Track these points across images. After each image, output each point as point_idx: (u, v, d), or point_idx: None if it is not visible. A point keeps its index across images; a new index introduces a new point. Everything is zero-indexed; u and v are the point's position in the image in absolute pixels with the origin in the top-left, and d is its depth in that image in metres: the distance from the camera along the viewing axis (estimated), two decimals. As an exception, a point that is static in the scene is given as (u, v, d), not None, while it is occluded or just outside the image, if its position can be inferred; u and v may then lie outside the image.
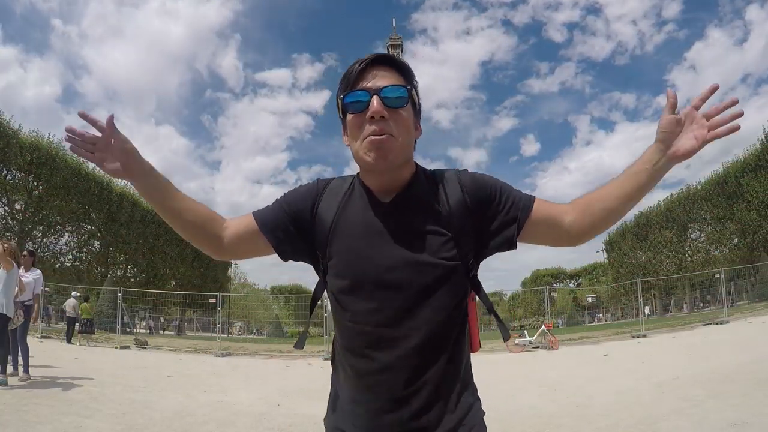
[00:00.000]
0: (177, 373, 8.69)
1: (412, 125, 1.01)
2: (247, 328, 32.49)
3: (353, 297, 0.99)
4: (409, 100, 0.98)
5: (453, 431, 0.96)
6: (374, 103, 0.94)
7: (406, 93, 0.97)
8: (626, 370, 7.58)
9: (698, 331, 13.32)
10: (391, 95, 0.95)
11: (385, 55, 0.99)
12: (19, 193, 24.65)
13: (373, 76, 0.97)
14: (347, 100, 0.97)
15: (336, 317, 1.04)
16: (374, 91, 0.95)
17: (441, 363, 0.97)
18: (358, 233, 1.00)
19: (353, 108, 0.97)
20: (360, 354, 0.99)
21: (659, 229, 34.17)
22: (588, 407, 4.94)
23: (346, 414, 1.03)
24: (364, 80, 0.97)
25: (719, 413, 4.09)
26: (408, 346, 0.95)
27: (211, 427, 4.51)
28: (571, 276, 57.15)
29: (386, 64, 0.99)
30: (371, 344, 0.97)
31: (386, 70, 0.98)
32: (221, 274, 41.65)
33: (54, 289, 19.69)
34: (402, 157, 0.98)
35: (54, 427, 4.12)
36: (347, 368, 1.02)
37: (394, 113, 0.96)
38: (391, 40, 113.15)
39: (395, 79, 0.98)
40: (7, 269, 5.70)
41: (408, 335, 0.95)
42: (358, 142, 0.97)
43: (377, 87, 0.95)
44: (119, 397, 5.72)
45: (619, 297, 38.33)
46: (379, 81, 0.97)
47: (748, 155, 27.67)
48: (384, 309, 0.96)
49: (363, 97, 0.95)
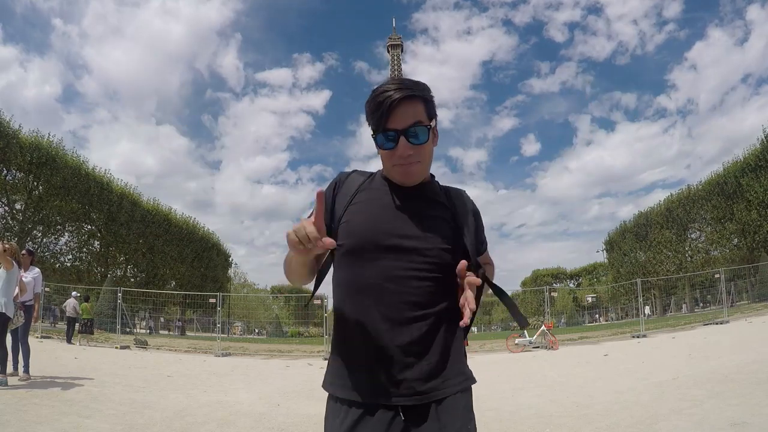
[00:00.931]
0: (177, 373, 8.69)
1: (432, 148, 1.16)
2: (247, 328, 32.50)
3: (363, 255, 1.09)
4: (430, 133, 1.12)
5: (435, 376, 1.05)
6: (401, 146, 1.09)
7: (428, 132, 1.10)
8: (626, 370, 7.58)
9: (698, 331, 13.32)
10: (416, 138, 1.09)
11: (410, 92, 1.08)
12: (19, 193, 24.64)
13: (400, 114, 1.08)
14: (378, 142, 1.12)
15: (341, 276, 1.14)
16: (401, 131, 1.08)
17: (435, 322, 1.07)
18: (375, 206, 1.14)
19: (384, 146, 1.11)
20: (361, 308, 1.08)
21: (659, 229, 34.18)
22: (588, 407, 4.94)
23: (343, 368, 1.10)
24: (392, 116, 1.08)
25: (719, 413, 4.09)
26: (409, 300, 1.06)
27: (211, 427, 4.51)
28: (571, 276, 57.19)
29: (410, 98, 1.09)
30: (373, 297, 1.07)
31: (410, 104, 1.09)
32: (221, 274, 41.68)
33: (54, 289, 19.69)
34: (424, 173, 1.16)
35: (54, 427, 4.11)
36: (347, 325, 1.10)
37: (418, 147, 1.10)
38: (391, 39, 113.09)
39: (418, 114, 1.10)
40: (8, 269, 5.70)
41: (409, 292, 1.06)
42: (389, 164, 1.14)
43: (403, 128, 1.08)
44: (119, 397, 5.72)
45: (619, 297, 38.35)
46: (403, 119, 1.08)
47: (748, 155, 27.68)
48: (391, 268, 1.07)
49: (392, 137, 1.09)
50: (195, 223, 37.86)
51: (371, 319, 1.05)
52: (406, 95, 1.07)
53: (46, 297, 17.32)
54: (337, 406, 1.08)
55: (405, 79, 1.11)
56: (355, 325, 1.07)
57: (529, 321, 8.68)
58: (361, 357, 1.06)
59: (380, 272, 1.07)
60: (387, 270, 1.07)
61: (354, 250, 1.10)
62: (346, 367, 1.08)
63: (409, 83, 1.10)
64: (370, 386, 1.04)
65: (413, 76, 2.54)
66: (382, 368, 1.04)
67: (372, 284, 1.07)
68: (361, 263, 1.09)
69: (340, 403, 1.07)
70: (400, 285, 1.06)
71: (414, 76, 2.51)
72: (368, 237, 1.09)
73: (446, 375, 1.06)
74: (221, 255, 42.07)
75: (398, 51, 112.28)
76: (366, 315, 1.06)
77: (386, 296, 1.05)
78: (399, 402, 1.02)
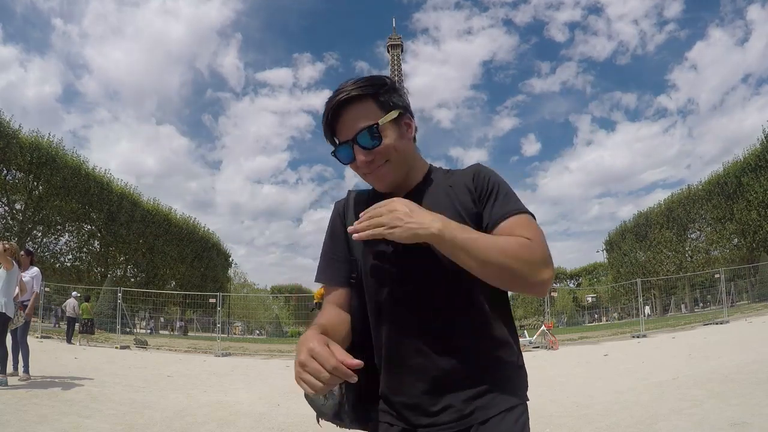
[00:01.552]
0: (177, 373, 8.69)
1: (398, 140, 1.03)
2: (247, 327, 32.50)
3: (380, 292, 1.04)
4: (384, 131, 1.01)
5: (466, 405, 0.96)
6: (357, 156, 1.01)
7: (377, 131, 1.00)
8: (626, 370, 7.57)
9: (698, 331, 13.31)
10: (365, 142, 1.00)
11: (346, 95, 1.00)
12: (19, 193, 24.65)
13: (346, 122, 1.01)
14: (339, 158, 1.05)
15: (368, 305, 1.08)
16: (352, 141, 1.00)
17: (465, 341, 0.98)
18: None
19: (345, 161, 1.05)
20: (390, 338, 1.02)
21: (659, 229, 34.18)
22: (588, 407, 4.94)
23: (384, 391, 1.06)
24: (341, 127, 1.02)
25: (719, 413, 4.09)
26: (429, 328, 0.99)
27: (211, 427, 4.51)
28: (571, 276, 57.22)
29: (352, 102, 1.01)
30: (396, 327, 1.02)
31: (354, 108, 1.01)
32: (221, 274, 41.69)
33: (54, 289, 19.69)
34: (400, 169, 1.05)
35: (54, 427, 4.11)
36: (378, 353, 1.05)
37: (375, 150, 1.01)
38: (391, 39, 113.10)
39: (368, 115, 1.00)
40: (8, 269, 5.70)
41: (428, 318, 0.99)
42: (361, 176, 1.07)
43: (352, 136, 1.00)
44: (119, 397, 5.72)
45: (619, 297, 38.35)
46: (351, 126, 1.01)
47: (748, 155, 27.68)
48: (405, 298, 1.01)
49: (347, 151, 1.03)
50: (195, 223, 37.90)
51: (400, 349, 1.01)
52: (344, 99, 1.00)
53: (46, 297, 17.32)
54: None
55: (350, 82, 1.02)
56: (386, 354, 1.03)
57: (528, 321, 8.51)
58: (398, 384, 1.03)
59: (396, 303, 1.02)
60: (402, 301, 1.02)
61: (367, 287, 1.07)
62: (387, 390, 1.05)
63: (352, 84, 1.01)
64: (410, 412, 1.00)
65: (414, 75, 2.48)
66: (419, 394, 0.99)
67: (394, 313, 1.02)
68: (379, 297, 1.05)
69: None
70: (417, 312, 1.00)
71: (414, 75, 2.45)
72: (378, 275, 1.04)
73: (488, 394, 0.97)
74: (221, 255, 42.08)
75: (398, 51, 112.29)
76: (396, 345, 1.02)
77: (406, 326, 1.00)
78: (435, 430, 0.97)
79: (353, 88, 1.00)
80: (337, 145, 1.05)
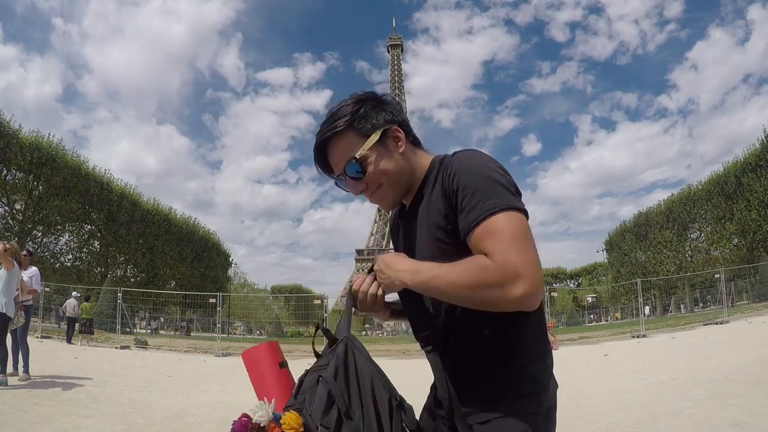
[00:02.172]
0: (177, 373, 8.69)
1: (386, 161, 1.03)
2: (247, 327, 32.49)
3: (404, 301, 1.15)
4: (366, 159, 1.02)
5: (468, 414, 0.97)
6: (351, 188, 1.07)
7: (357, 166, 1.03)
8: (626, 370, 7.58)
9: (698, 331, 13.31)
10: (353, 174, 1.04)
11: (323, 136, 1.05)
12: (19, 193, 24.65)
13: (333, 158, 1.07)
14: (341, 188, 1.12)
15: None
16: (342, 175, 1.06)
17: (468, 338, 0.98)
18: (395, 240, 1.22)
19: (346, 190, 1.11)
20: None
21: (659, 229, 34.17)
22: (588, 407, 4.94)
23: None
24: (331, 163, 1.08)
25: (719, 413, 4.09)
26: (438, 333, 1.03)
27: (211, 427, 4.51)
28: (571, 276, 57.21)
29: (330, 139, 1.05)
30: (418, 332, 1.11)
31: (335, 143, 1.05)
32: (221, 274, 41.68)
33: (54, 289, 19.69)
34: (397, 186, 1.07)
35: (54, 427, 4.12)
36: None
37: (366, 177, 1.04)
38: (391, 40, 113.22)
39: (347, 149, 1.03)
40: (8, 269, 5.70)
41: (428, 328, 1.06)
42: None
43: (340, 172, 1.05)
44: (119, 397, 5.72)
45: (619, 297, 38.34)
46: (337, 162, 1.06)
47: (748, 155, 27.66)
48: (413, 307, 1.09)
49: (341, 183, 1.10)
50: (195, 223, 37.90)
51: (429, 354, 1.09)
52: (323, 141, 1.05)
53: (46, 297, 17.32)
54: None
55: (326, 121, 1.05)
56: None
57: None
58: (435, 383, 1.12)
59: (409, 313, 1.15)
60: (411, 310, 1.12)
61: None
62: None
63: (327, 123, 1.04)
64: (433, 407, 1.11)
65: (414, 75, 2.46)
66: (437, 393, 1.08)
67: (412, 322, 1.15)
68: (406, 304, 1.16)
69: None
70: (424, 321, 1.07)
71: (415, 75, 2.44)
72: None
73: (488, 396, 0.96)
74: (221, 255, 42.08)
75: (398, 51, 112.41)
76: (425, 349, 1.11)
77: (420, 334, 1.11)
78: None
79: (327, 128, 1.04)
80: (335, 179, 1.10)
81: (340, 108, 1.04)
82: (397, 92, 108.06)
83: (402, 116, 1.09)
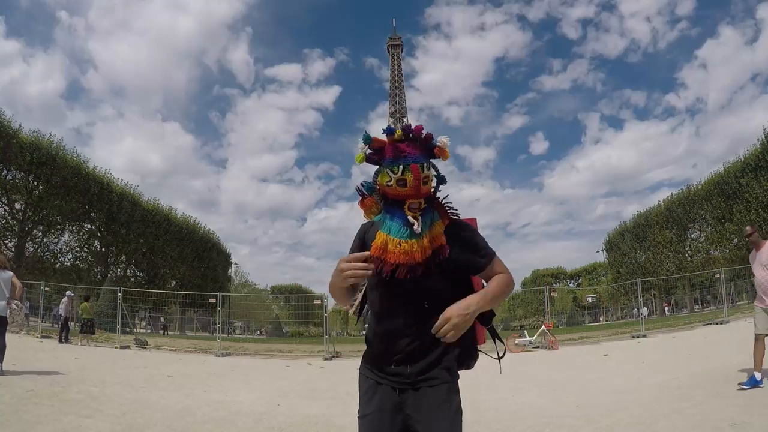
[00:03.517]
0: (177, 373, 8.69)
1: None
2: (247, 328, 32.49)
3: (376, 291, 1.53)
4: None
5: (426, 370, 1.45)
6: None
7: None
8: (626, 370, 7.58)
9: (698, 331, 13.32)
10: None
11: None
12: (19, 192, 24.65)
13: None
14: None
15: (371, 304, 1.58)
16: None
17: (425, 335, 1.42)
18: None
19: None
20: (381, 323, 1.53)
21: (659, 229, 34.18)
22: (588, 407, 4.94)
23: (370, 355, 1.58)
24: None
25: (719, 413, 4.09)
26: (411, 316, 1.47)
27: (211, 427, 4.52)
28: (571, 276, 57.15)
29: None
30: (386, 314, 1.52)
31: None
32: (221, 273, 41.69)
33: (54, 289, 19.69)
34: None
35: (54, 427, 4.12)
36: (374, 329, 1.55)
37: None
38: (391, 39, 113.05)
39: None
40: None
41: (408, 313, 1.47)
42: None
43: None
44: (119, 397, 5.72)
45: (619, 297, 38.36)
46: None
47: (748, 155, 27.65)
48: (393, 304, 1.50)
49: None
50: (195, 222, 37.92)
51: (387, 330, 1.50)
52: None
53: (46, 297, 17.33)
54: (362, 378, 1.57)
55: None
56: (378, 332, 1.54)
57: (528, 321, 8.45)
58: (380, 353, 1.53)
59: (383, 308, 1.55)
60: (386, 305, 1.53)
61: (373, 286, 1.62)
62: (373, 356, 1.55)
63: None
64: (382, 372, 1.50)
65: (424, 72, 2.42)
66: (389, 363, 1.48)
67: (389, 310, 1.52)
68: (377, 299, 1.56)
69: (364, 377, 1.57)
70: (403, 315, 1.49)
71: (424, 72, 2.40)
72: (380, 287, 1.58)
73: (433, 372, 1.45)
74: (221, 255, 42.09)
75: (398, 51, 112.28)
76: (384, 328, 1.51)
77: (395, 318, 1.49)
78: (396, 385, 1.47)
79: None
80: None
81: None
82: (398, 92, 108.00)
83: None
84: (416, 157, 1.37)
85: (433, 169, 1.44)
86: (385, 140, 1.41)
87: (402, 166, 1.36)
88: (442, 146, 1.41)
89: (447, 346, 1.46)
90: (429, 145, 1.41)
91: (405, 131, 1.38)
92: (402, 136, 1.38)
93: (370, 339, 1.58)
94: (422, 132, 1.38)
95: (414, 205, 1.40)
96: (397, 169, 1.37)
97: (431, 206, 1.47)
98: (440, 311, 1.39)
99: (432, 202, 1.47)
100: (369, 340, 1.58)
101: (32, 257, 25.33)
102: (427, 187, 1.41)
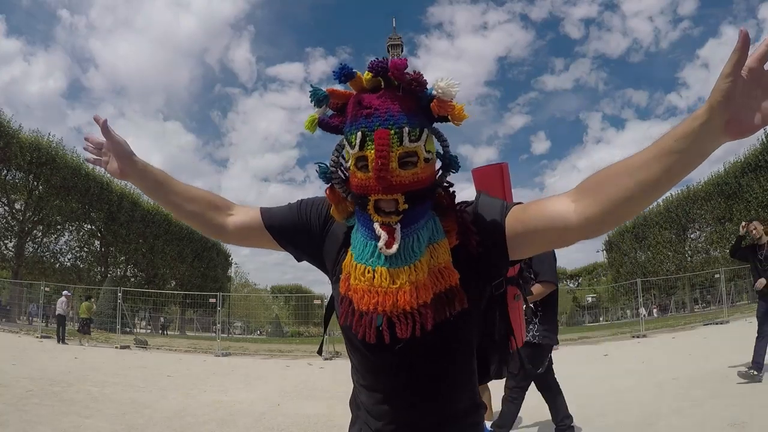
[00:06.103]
0: (177, 373, 8.69)
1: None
2: (247, 328, 32.50)
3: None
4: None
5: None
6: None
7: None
8: (626, 370, 7.57)
9: (698, 331, 13.32)
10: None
11: None
12: (19, 192, 24.64)
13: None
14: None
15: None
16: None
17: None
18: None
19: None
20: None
21: (659, 229, 34.17)
22: (588, 407, 4.94)
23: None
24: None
25: (719, 413, 4.09)
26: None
27: (211, 427, 4.52)
28: (571, 276, 57.14)
29: None
30: (372, 390, 1.05)
31: None
32: (221, 273, 41.68)
33: (54, 289, 19.69)
34: None
35: (54, 427, 4.12)
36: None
37: None
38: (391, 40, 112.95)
39: None
40: None
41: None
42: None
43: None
44: (119, 397, 5.72)
45: (618, 297, 38.35)
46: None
47: (748, 155, 27.66)
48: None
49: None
50: (195, 222, 37.82)
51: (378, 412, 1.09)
52: None
53: (46, 297, 17.33)
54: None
55: None
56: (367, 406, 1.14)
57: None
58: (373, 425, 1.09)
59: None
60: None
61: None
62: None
63: None
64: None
65: (426, 71, 2.47)
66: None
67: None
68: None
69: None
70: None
71: (426, 71, 2.34)
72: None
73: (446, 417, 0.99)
74: (221, 255, 42.08)
75: (398, 51, 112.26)
76: (373, 406, 1.09)
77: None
78: None
79: None
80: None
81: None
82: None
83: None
84: (387, 117, 0.79)
85: (430, 140, 0.85)
86: (349, 92, 0.87)
87: (360, 132, 0.81)
88: (442, 96, 0.82)
89: (477, 401, 1.04)
90: (420, 95, 0.83)
91: (375, 69, 0.80)
92: (371, 81, 0.83)
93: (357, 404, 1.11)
94: (406, 70, 0.79)
95: (385, 206, 0.83)
96: (354, 138, 0.82)
97: (427, 209, 0.87)
98: (460, 382, 0.96)
99: (430, 201, 0.88)
100: (356, 404, 1.12)
101: (32, 257, 25.32)
102: (410, 172, 0.81)
